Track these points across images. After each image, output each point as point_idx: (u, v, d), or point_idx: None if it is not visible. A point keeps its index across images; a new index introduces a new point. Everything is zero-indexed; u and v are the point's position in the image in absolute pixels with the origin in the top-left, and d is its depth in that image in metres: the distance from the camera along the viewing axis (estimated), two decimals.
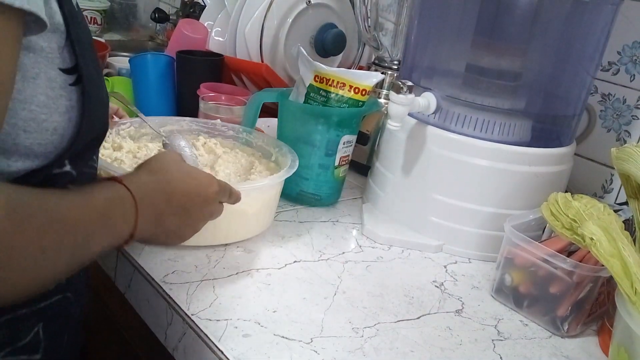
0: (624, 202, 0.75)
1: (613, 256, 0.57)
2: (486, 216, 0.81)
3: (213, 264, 0.71)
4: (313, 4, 1.21)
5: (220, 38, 1.27)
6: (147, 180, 0.57)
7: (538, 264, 0.70)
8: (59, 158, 0.50)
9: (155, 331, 0.67)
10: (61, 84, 0.48)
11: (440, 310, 0.70)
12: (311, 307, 0.66)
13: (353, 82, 0.87)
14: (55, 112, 0.48)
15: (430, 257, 0.82)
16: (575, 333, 0.69)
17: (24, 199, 0.44)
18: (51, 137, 0.48)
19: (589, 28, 0.82)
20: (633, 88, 0.95)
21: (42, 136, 0.47)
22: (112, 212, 0.51)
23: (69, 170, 0.52)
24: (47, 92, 0.47)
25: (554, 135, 0.86)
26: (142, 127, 0.87)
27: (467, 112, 0.82)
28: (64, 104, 0.48)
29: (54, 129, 0.48)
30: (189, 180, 0.61)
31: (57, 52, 0.47)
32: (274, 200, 0.79)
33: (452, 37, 0.88)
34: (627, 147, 0.62)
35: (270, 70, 1.16)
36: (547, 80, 0.86)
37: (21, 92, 0.45)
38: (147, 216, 0.55)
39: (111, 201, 0.51)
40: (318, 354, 0.59)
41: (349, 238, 0.84)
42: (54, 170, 0.51)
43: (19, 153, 0.47)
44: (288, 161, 0.80)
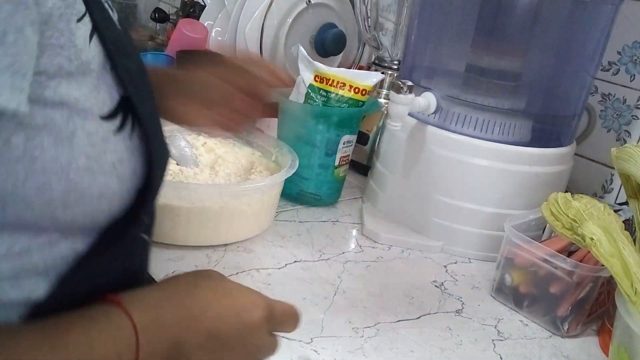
0: (624, 202, 0.75)
1: (613, 256, 0.57)
2: (486, 216, 0.81)
3: (213, 264, 0.71)
4: (313, 3, 1.21)
5: (220, 38, 1.27)
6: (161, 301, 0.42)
7: (538, 264, 0.70)
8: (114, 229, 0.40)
9: None
10: (103, 136, 0.37)
11: (440, 310, 0.70)
12: (311, 307, 0.66)
13: (353, 82, 0.87)
14: (101, 173, 0.37)
15: (431, 257, 0.82)
16: (575, 333, 0.69)
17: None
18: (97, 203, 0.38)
19: (589, 28, 0.82)
20: (633, 88, 0.95)
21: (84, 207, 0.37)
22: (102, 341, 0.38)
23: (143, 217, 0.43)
24: (87, 150, 0.36)
25: (554, 135, 0.86)
26: None
27: (467, 112, 0.82)
28: (109, 161, 0.37)
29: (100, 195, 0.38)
30: (224, 301, 0.45)
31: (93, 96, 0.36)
32: (274, 200, 0.79)
33: (452, 37, 0.88)
34: (627, 147, 0.62)
35: None
36: (547, 80, 0.86)
37: (56, 161, 0.35)
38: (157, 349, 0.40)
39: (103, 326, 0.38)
40: (318, 354, 0.59)
41: (349, 238, 0.84)
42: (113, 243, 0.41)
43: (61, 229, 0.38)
44: (288, 161, 0.80)
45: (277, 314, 0.47)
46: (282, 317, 0.48)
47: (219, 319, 0.44)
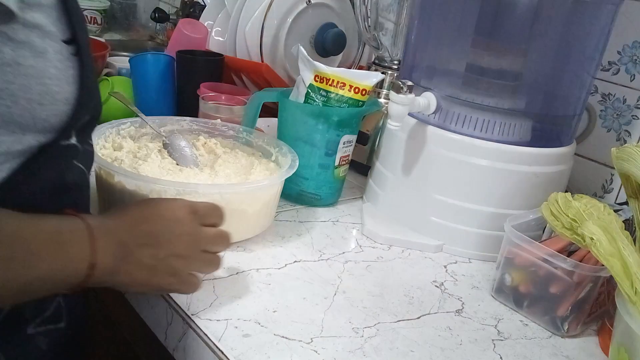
0: (624, 202, 0.75)
1: (613, 256, 0.57)
2: (486, 216, 0.81)
3: None
4: (313, 3, 1.21)
5: (220, 38, 1.27)
6: (105, 217, 0.57)
7: (538, 263, 0.70)
8: (67, 130, 0.52)
9: (155, 331, 0.67)
10: (67, 56, 0.50)
11: (440, 310, 0.70)
12: (311, 307, 0.66)
13: (353, 82, 0.87)
14: (66, 83, 0.50)
15: (430, 257, 0.82)
16: (575, 333, 0.69)
17: None
18: (64, 107, 0.50)
19: (589, 28, 0.82)
20: (633, 88, 0.95)
21: (56, 107, 0.50)
22: (63, 235, 0.50)
23: (75, 143, 0.54)
24: (56, 64, 0.49)
25: (554, 135, 0.86)
26: (142, 127, 0.87)
27: (467, 112, 0.82)
28: (72, 74, 0.50)
29: (66, 99, 0.50)
30: (148, 209, 0.58)
31: (58, 25, 0.49)
32: (274, 200, 0.79)
33: (452, 37, 0.88)
34: (627, 147, 0.62)
35: (270, 70, 1.16)
36: (547, 80, 0.86)
37: (34, 68, 0.47)
38: (108, 245, 0.53)
39: (62, 225, 0.51)
40: (318, 354, 0.59)
41: (349, 238, 0.84)
42: (62, 142, 0.52)
43: (35, 127, 0.49)
44: (288, 161, 0.80)
45: (200, 209, 0.60)
46: (205, 211, 0.60)
47: (149, 222, 0.57)
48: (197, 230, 0.59)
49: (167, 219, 0.58)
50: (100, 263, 0.52)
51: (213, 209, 0.62)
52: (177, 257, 0.58)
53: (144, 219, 0.57)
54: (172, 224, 0.58)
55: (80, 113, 0.52)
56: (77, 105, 0.51)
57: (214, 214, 0.62)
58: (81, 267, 0.51)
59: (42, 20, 0.48)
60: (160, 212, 0.58)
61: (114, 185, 0.72)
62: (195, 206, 0.60)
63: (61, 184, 0.55)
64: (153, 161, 0.79)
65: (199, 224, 0.60)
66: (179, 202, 0.60)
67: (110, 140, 0.82)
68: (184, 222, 0.58)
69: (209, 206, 0.62)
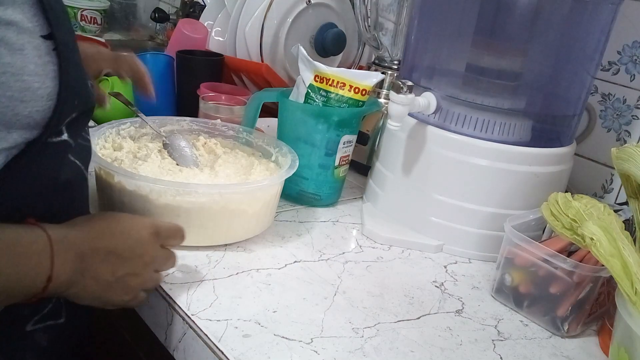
0: (624, 202, 0.75)
1: (613, 256, 0.57)
2: (486, 216, 0.81)
3: (213, 264, 0.71)
4: (313, 3, 1.21)
5: (220, 38, 1.27)
6: (68, 228, 0.55)
7: (538, 264, 0.70)
8: (55, 125, 0.52)
9: (155, 331, 0.67)
10: (46, 51, 0.49)
11: (440, 310, 0.70)
12: (311, 307, 0.66)
13: (353, 82, 0.87)
14: (47, 78, 0.49)
15: (430, 257, 0.82)
16: (575, 333, 0.69)
17: None
18: (47, 103, 0.50)
19: (589, 28, 0.82)
20: (633, 88, 0.95)
21: (39, 104, 0.49)
22: (22, 247, 0.50)
23: (67, 139, 0.54)
24: (35, 60, 0.48)
25: (554, 135, 0.86)
26: (142, 127, 0.87)
27: (467, 112, 0.82)
28: (52, 69, 0.50)
29: (48, 95, 0.50)
30: (116, 225, 0.59)
31: (34, 21, 0.48)
32: (274, 200, 0.79)
33: (452, 37, 0.88)
34: (627, 147, 0.62)
35: (270, 70, 1.16)
36: (547, 80, 0.86)
37: (12, 65, 0.47)
38: (68, 259, 0.53)
39: (22, 236, 0.50)
40: (318, 354, 0.59)
41: (349, 238, 0.84)
42: (53, 139, 0.53)
43: (20, 124, 0.49)
44: (288, 161, 0.80)
45: (163, 231, 0.61)
46: (167, 233, 0.62)
47: (113, 238, 0.57)
48: (156, 252, 0.61)
49: (131, 239, 0.58)
50: (58, 276, 0.52)
51: (176, 232, 0.63)
52: (133, 276, 0.59)
53: (110, 234, 0.57)
54: (136, 243, 0.58)
55: (65, 108, 0.52)
56: (61, 100, 0.51)
57: (176, 235, 0.63)
58: (39, 279, 0.51)
59: (17, 17, 0.47)
60: (126, 229, 0.58)
61: (114, 185, 0.72)
62: (160, 227, 0.61)
63: (56, 180, 0.55)
64: (153, 161, 0.79)
65: (159, 245, 0.61)
66: (146, 221, 0.61)
67: (110, 140, 0.82)
68: (147, 243, 0.59)
69: (172, 228, 0.63)
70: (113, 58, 0.83)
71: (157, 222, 0.61)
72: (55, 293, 0.53)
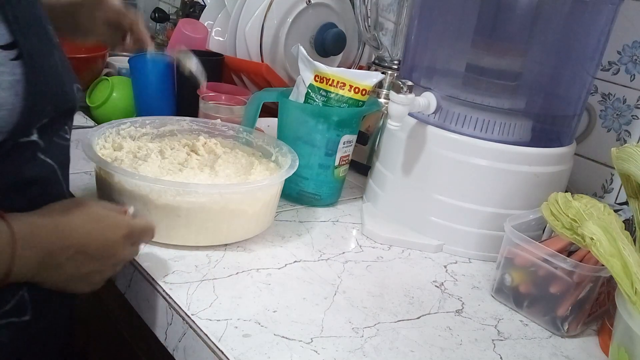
0: (624, 202, 0.75)
1: (613, 256, 0.57)
2: (486, 216, 0.81)
3: (213, 264, 0.71)
4: (313, 3, 1.21)
5: (220, 38, 1.27)
6: (39, 220, 0.55)
7: (538, 264, 0.70)
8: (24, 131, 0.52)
9: (155, 331, 0.67)
10: (2, 61, 0.49)
11: (441, 310, 0.70)
12: (311, 307, 0.66)
13: (353, 82, 0.87)
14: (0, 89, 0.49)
15: (430, 257, 0.82)
16: (575, 333, 0.69)
17: None
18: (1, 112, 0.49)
19: (589, 28, 0.82)
20: (633, 88, 0.95)
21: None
22: None
23: (36, 140, 0.55)
24: None
25: (554, 135, 0.86)
26: (142, 127, 0.87)
27: (467, 112, 0.82)
28: (6, 80, 0.49)
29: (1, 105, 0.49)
30: (92, 223, 0.58)
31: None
32: (274, 200, 0.79)
33: (452, 37, 0.88)
34: (627, 147, 0.62)
35: (270, 70, 1.16)
36: (547, 80, 0.86)
37: None
38: (32, 255, 0.53)
39: None
40: (318, 354, 0.59)
41: (349, 238, 0.84)
42: (20, 140, 0.53)
43: None
44: (288, 161, 0.80)
45: (137, 231, 0.62)
46: (140, 232, 0.63)
47: (86, 237, 0.57)
48: (124, 253, 0.61)
49: (105, 240, 0.59)
50: (18, 271, 0.52)
51: (148, 230, 0.64)
52: (98, 273, 0.60)
53: (84, 233, 0.57)
54: (108, 245, 0.59)
55: (34, 115, 0.52)
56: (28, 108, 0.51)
57: (148, 234, 0.65)
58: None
59: None
60: (101, 229, 0.58)
61: (114, 185, 0.72)
62: (134, 228, 0.62)
63: (20, 179, 0.55)
64: (153, 161, 0.79)
65: (130, 244, 0.62)
66: (122, 222, 0.61)
67: (110, 140, 0.82)
68: (119, 245, 0.60)
69: (145, 228, 0.64)
70: (118, 10, 0.86)
71: (132, 224, 0.62)
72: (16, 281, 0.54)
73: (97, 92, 1.17)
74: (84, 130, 1.05)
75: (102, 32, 0.87)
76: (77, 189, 0.84)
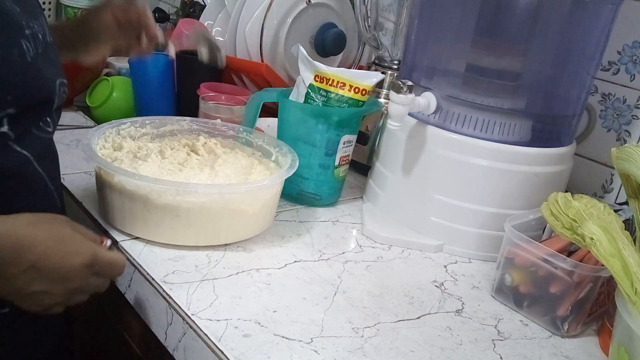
0: (624, 202, 0.75)
1: (613, 256, 0.57)
2: (486, 216, 0.81)
3: (213, 264, 0.71)
4: (313, 3, 1.21)
5: (220, 38, 1.26)
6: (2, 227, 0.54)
7: (538, 263, 0.70)
8: None
9: (155, 331, 0.67)
10: None
11: (441, 310, 0.70)
12: (311, 307, 0.66)
13: (353, 82, 0.87)
14: None
15: (430, 257, 0.82)
16: (575, 333, 0.69)
17: None
18: None
19: (589, 28, 0.82)
20: (633, 88, 0.95)
21: None
22: None
23: (6, 132, 0.55)
24: None
25: (554, 135, 0.86)
26: (142, 127, 0.87)
27: (467, 112, 0.82)
28: None
29: None
30: (55, 243, 0.56)
31: None
32: (274, 200, 0.79)
33: (452, 37, 0.88)
34: (627, 147, 0.62)
35: (270, 70, 1.16)
36: (547, 80, 0.86)
37: None
38: None
39: None
40: (318, 354, 0.59)
41: (349, 238, 0.84)
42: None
43: None
44: (288, 161, 0.80)
45: (100, 264, 0.58)
46: (104, 266, 0.59)
47: (43, 256, 0.54)
48: (83, 282, 0.58)
49: (63, 263, 0.56)
50: None
51: (115, 266, 0.61)
52: (48, 295, 0.57)
53: (42, 251, 0.55)
54: (64, 269, 0.56)
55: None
56: None
57: (114, 271, 0.62)
58: None
59: None
60: (61, 252, 0.56)
61: (114, 185, 0.72)
62: (98, 260, 0.59)
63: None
64: (153, 161, 0.79)
65: (92, 273, 0.59)
66: (85, 250, 0.58)
67: (110, 140, 0.82)
68: (76, 273, 0.57)
69: (111, 263, 0.61)
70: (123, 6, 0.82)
71: (98, 254, 0.59)
72: None
73: (97, 92, 1.17)
74: (84, 130, 1.06)
75: (113, 34, 0.82)
76: (77, 189, 0.84)
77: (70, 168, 0.91)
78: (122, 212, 0.73)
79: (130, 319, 0.76)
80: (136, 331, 0.77)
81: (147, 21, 0.83)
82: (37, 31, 0.59)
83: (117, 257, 0.62)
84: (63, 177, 0.86)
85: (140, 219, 0.72)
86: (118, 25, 0.82)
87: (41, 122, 0.59)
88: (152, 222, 0.72)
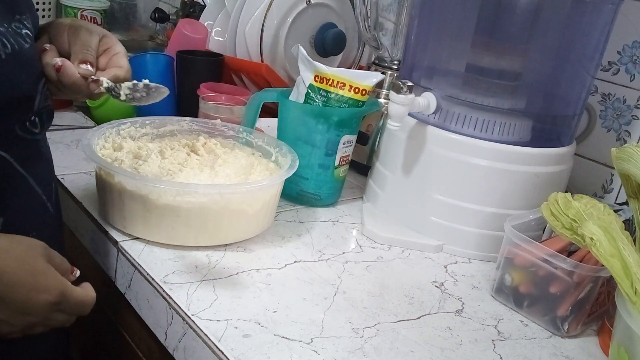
0: (624, 202, 0.75)
1: (613, 256, 0.57)
2: (486, 216, 0.81)
3: (213, 264, 0.71)
4: (313, 3, 1.21)
5: (220, 38, 1.27)
6: None
7: (538, 264, 0.70)
8: None
9: (155, 331, 0.67)
10: None
11: (440, 310, 0.70)
12: (311, 307, 0.66)
13: (353, 82, 0.87)
14: None
15: (430, 257, 0.82)
16: (575, 333, 0.69)
17: None
18: None
19: (589, 28, 0.82)
20: (633, 88, 0.95)
21: None
22: None
23: None
24: None
25: (554, 135, 0.86)
26: (142, 127, 0.87)
27: (467, 112, 0.82)
28: None
29: None
30: (23, 275, 0.54)
31: None
32: (274, 200, 0.79)
33: (452, 37, 0.88)
34: (627, 147, 0.62)
35: (270, 70, 1.16)
36: (547, 80, 0.86)
37: None
38: None
39: None
40: (318, 354, 0.59)
41: (349, 238, 0.84)
42: None
43: None
44: (288, 161, 0.80)
45: (70, 301, 0.57)
46: (71, 305, 0.57)
47: (10, 287, 0.53)
48: (46, 317, 0.57)
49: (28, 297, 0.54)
50: None
51: (81, 305, 0.59)
52: (7, 324, 0.55)
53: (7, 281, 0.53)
54: (28, 303, 0.54)
55: None
56: None
57: (82, 308, 0.60)
58: None
59: None
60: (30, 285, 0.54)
61: (114, 185, 0.72)
62: (65, 298, 0.57)
63: None
64: (153, 161, 0.79)
65: (55, 311, 0.57)
66: (56, 288, 0.56)
67: (110, 140, 0.82)
68: (40, 308, 0.55)
69: (79, 300, 0.59)
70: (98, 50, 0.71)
71: (66, 292, 0.57)
72: None
73: None
74: (84, 130, 1.06)
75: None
76: (77, 189, 0.84)
77: (70, 168, 0.91)
78: (122, 212, 0.73)
79: (130, 319, 0.76)
80: (136, 331, 0.77)
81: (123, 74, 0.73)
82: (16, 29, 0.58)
83: (85, 296, 0.59)
84: (63, 177, 0.86)
85: (141, 219, 0.72)
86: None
87: (27, 123, 0.58)
88: (152, 223, 0.72)
